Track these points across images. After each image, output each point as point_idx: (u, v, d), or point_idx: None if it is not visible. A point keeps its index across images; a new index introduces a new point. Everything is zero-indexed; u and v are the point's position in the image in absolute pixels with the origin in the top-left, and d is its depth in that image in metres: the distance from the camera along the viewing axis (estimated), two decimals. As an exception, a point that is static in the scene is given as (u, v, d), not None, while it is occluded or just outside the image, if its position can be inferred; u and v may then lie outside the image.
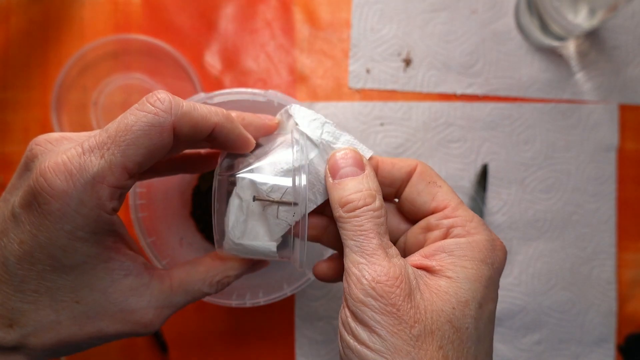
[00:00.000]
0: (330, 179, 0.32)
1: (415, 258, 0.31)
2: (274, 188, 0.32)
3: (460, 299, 0.28)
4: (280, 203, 0.32)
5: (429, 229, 0.32)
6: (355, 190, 0.30)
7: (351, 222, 0.30)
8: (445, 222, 0.31)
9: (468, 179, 0.56)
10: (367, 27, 0.56)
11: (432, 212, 0.32)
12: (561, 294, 0.56)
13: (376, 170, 0.34)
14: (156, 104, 0.28)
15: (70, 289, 0.29)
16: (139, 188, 0.42)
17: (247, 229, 0.33)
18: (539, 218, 0.56)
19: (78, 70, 0.54)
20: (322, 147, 0.33)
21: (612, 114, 0.57)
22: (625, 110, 0.57)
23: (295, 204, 0.32)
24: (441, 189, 0.33)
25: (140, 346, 0.54)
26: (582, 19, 0.51)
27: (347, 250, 0.30)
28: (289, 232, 0.33)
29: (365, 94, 0.56)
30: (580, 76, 0.57)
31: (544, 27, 0.54)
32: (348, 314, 0.28)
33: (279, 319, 0.54)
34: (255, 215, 0.33)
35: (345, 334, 0.28)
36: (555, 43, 0.55)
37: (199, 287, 0.34)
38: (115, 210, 0.29)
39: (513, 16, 0.57)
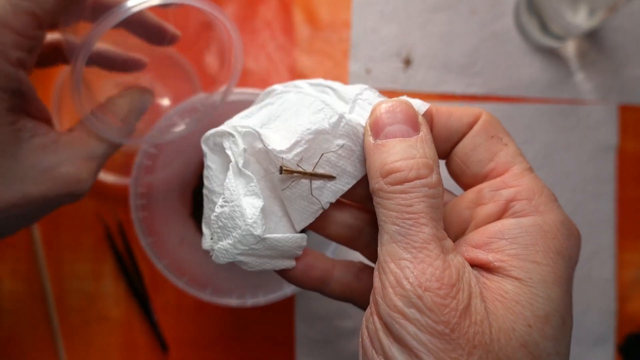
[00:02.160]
0: (370, 139, 0.23)
1: (462, 249, 0.23)
2: (305, 155, 0.24)
3: (538, 313, 0.20)
4: (315, 176, 0.24)
5: (479, 202, 0.24)
6: (405, 157, 0.22)
7: (395, 199, 0.21)
8: (505, 192, 0.23)
9: (468, 179, 0.56)
10: (367, 27, 0.56)
11: (487, 177, 0.24)
12: (561, 294, 0.56)
13: (430, 123, 0.25)
14: None
15: None
16: (139, 188, 0.42)
17: (267, 217, 0.25)
18: (538, 218, 0.56)
19: (78, 70, 0.54)
20: (360, 104, 0.26)
21: (611, 114, 0.57)
22: (625, 110, 0.57)
23: (334, 177, 0.24)
24: (507, 147, 0.25)
25: (140, 346, 0.54)
26: (581, 19, 0.51)
27: (385, 237, 0.22)
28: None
29: (365, 94, 0.56)
30: (579, 76, 0.57)
31: (544, 27, 0.54)
32: (379, 325, 0.21)
33: (279, 319, 0.54)
34: (273, 198, 0.26)
35: (374, 352, 0.21)
36: (554, 43, 0.56)
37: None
38: (21, 64, 0.25)
39: (513, 16, 0.57)
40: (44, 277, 0.54)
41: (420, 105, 0.25)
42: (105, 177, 0.54)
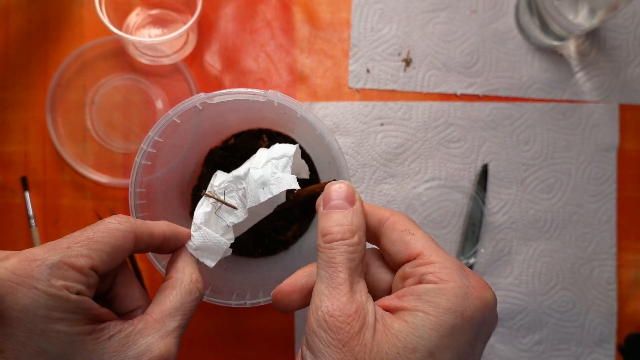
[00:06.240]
0: (321, 208, 0.33)
1: (389, 298, 0.31)
2: (227, 190, 0.36)
3: (408, 345, 0.28)
4: (224, 203, 0.35)
5: (405, 277, 0.32)
6: (338, 224, 0.32)
7: (325, 253, 0.31)
8: (419, 269, 0.31)
9: (468, 179, 0.56)
10: (367, 27, 0.56)
11: (407, 260, 0.32)
12: (561, 294, 0.56)
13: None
14: (118, 217, 0.33)
15: None
16: (139, 188, 0.42)
17: (210, 221, 0.37)
18: (539, 218, 0.56)
19: (77, 70, 0.54)
20: (278, 167, 0.37)
21: (612, 114, 0.57)
22: (626, 110, 0.57)
23: (236, 208, 0.35)
24: (414, 236, 0.32)
25: (140, 346, 0.54)
26: (582, 19, 0.51)
27: (317, 279, 0.31)
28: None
29: (365, 94, 0.56)
30: (580, 76, 0.57)
31: (544, 27, 0.54)
32: (304, 340, 0.30)
33: (279, 319, 0.54)
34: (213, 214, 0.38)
35: (301, 357, 0.30)
36: (555, 43, 0.55)
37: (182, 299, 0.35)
38: (79, 294, 0.30)
39: (513, 16, 0.57)
40: (43, 277, 0.53)
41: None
42: (105, 177, 0.54)
